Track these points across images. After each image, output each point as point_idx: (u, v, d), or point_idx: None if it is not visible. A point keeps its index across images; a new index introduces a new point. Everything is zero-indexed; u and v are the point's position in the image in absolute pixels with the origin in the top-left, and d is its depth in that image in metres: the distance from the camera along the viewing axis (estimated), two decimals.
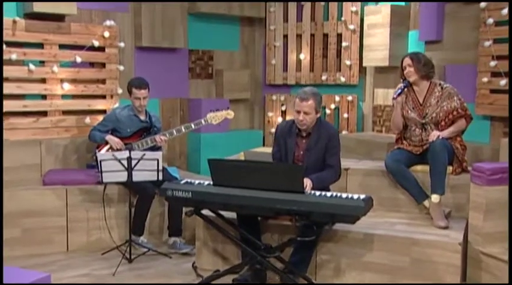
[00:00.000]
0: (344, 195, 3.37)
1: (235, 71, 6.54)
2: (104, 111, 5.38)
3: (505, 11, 4.87)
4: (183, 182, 3.64)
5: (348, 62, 6.35)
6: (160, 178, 4.11)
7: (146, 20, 5.72)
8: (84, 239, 4.52)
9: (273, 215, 3.65)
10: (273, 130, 6.65)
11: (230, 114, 4.75)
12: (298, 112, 3.71)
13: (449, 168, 4.03)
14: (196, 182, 3.62)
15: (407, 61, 4.16)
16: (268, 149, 4.53)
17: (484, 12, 5.05)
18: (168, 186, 3.52)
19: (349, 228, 3.65)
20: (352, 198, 3.31)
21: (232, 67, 6.60)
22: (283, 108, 6.72)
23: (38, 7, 4.82)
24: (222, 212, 3.73)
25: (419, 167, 4.16)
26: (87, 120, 5.25)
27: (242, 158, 4.89)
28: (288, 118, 6.69)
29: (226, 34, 6.54)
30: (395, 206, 4.21)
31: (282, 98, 6.70)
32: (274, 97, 6.73)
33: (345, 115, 6.44)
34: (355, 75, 6.37)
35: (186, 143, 6.25)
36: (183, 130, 4.64)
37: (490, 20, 5.00)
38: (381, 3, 6.13)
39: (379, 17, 5.96)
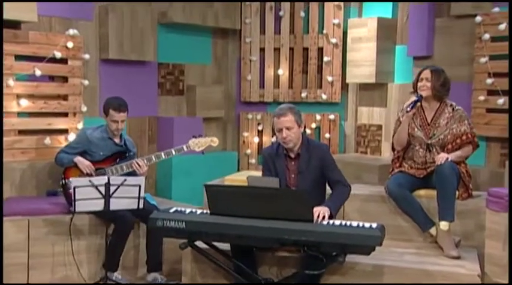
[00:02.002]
0: (355, 223, 3.32)
1: (208, 87, 6.43)
2: (65, 131, 5.16)
3: (502, 26, 5.00)
4: (172, 211, 3.50)
5: (329, 78, 6.36)
6: (141, 206, 3.93)
7: (113, 30, 5.54)
8: (48, 276, 4.26)
9: (276, 247, 3.54)
10: (249, 151, 6.62)
11: (214, 141, 4.70)
12: (280, 130, 3.73)
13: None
14: (188, 210, 3.50)
15: (426, 74, 4.13)
16: None
17: (480, 27, 5.17)
18: (158, 216, 3.37)
19: (355, 259, 3.58)
20: (364, 227, 3.26)
21: (204, 82, 6.49)
22: (260, 128, 6.64)
23: None
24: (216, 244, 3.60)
25: (423, 192, 4.15)
26: (47, 140, 5.01)
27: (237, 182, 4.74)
28: (265, 138, 6.62)
29: (198, 46, 6.43)
30: (398, 234, 4.17)
31: (259, 117, 6.63)
32: (249, 116, 6.65)
33: (327, 135, 6.42)
34: (338, 92, 6.39)
35: (154, 166, 6.05)
36: (163, 156, 4.52)
37: (486, 36, 5.12)
38: (365, 16, 6.19)
39: (364, 30, 6.01)
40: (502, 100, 5.05)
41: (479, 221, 4.00)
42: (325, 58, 6.36)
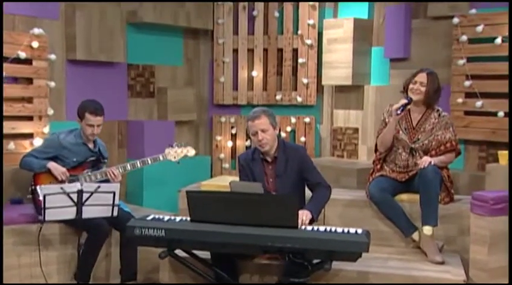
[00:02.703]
0: (340, 229, 3.32)
1: (179, 89, 6.37)
2: (30, 135, 5.03)
3: (480, 28, 5.09)
4: (149, 218, 3.44)
5: (304, 80, 6.37)
6: (115, 213, 3.85)
7: (80, 29, 5.43)
8: None
9: (260, 254, 3.51)
10: (222, 155, 6.58)
11: (190, 151, 4.70)
12: (255, 133, 3.75)
13: None
14: (166, 218, 3.44)
15: (423, 77, 4.08)
16: None
17: (457, 29, 5.26)
18: (136, 224, 3.30)
19: (339, 266, 3.56)
20: (350, 233, 3.26)
21: (175, 84, 6.42)
22: (233, 131, 6.60)
23: None
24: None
25: (404, 196, 4.18)
26: (11, 145, 4.87)
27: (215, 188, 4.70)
28: (238, 142, 6.59)
29: (169, 47, 6.36)
30: (380, 240, 4.18)
31: (232, 120, 6.59)
32: (223, 119, 6.61)
33: (302, 139, 6.43)
34: (313, 95, 6.40)
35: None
36: (139, 165, 4.49)
37: (464, 37, 5.21)
38: (341, 17, 6.22)
39: (340, 31, 6.05)
40: (480, 103, 5.14)
41: (462, 226, 4.06)
42: (300, 60, 6.38)
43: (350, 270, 3.61)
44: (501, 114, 5.02)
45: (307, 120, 6.41)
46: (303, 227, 3.34)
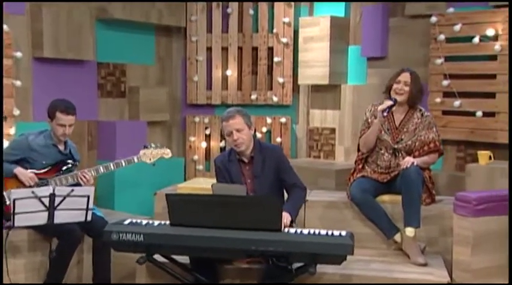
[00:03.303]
0: (323, 232, 3.32)
1: (151, 89, 6.30)
2: None
3: (458, 27, 5.16)
4: (126, 222, 3.38)
5: (280, 80, 6.36)
6: (89, 218, 3.78)
7: (48, 26, 5.32)
8: None
9: (242, 258, 3.49)
10: (196, 157, 6.53)
11: (167, 153, 4.64)
12: (230, 133, 3.77)
13: None
14: (144, 222, 3.40)
15: (406, 77, 4.13)
16: None
17: (435, 28, 5.32)
18: (113, 228, 3.24)
19: (322, 269, 3.55)
20: (334, 235, 3.26)
21: (147, 84, 6.35)
22: (208, 132, 6.55)
23: None
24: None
25: (386, 197, 4.20)
26: None
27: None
28: (212, 143, 6.54)
29: (140, 45, 6.28)
30: (361, 242, 4.14)
31: (206, 120, 6.54)
32: (196, 119, 6.56)
33: (278, 139, 6.42)
34: (289, 94, 6.40)
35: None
36: (112, 167, 4.40)
37: (442, 36, 5.27)
38: (317, 15, 6.24)
39: (316, 29, 6.06)
40: (458, 102, 5.21)
41: (443, 227, 4.11)
42: (276, 59, 6.36)
43: (333, 273, 3.61)
44: (479, 113, 5.09)
45: (283, 120, 6.41)
46: (286, 229, 3.34)
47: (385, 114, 4.04)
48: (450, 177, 5.25)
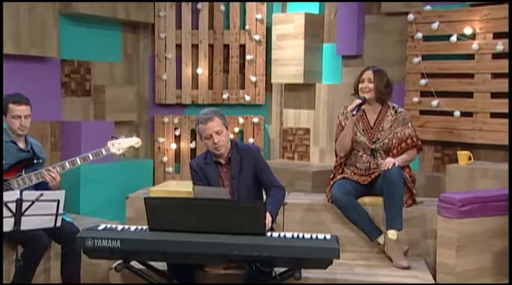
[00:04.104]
0: (307, 235, 3.29)
1: (118, 87, 6.19)
2: None
3: (435, 25, 5.21)
4: (100, 228, 3.30)
5: (253, 78, 6.33)
6: (59, 224, 3.67)
7: (9, 21, 5.17)
8: None
9: (224, 264, 3.45)
10: (165, 159, 6.45)
11: (137, 142, 4.44)
12: (210, 136, 3.74)
13: None
14: (119, 227, 3.32)
15: (368, 74, 4.19)
16: None
17: (412, 26, 5.36)
18: (87, 235, 3.14)
19: (305, 273, 3.52)
20: (318, 238, 3.24)
21: (113, 82, 6.24)
22: (177, 133, 6.46)
23: None
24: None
25: (367, 199, 4.20)
26: None
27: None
28: (182, 144, 6.46)
29: (106, 41, 6.16)
30: (342, 245, 4.15)
31: (176, 120, 6.45)
32: (165, 120, 6.46)
33: (251, 140, 6.38)
34: (261, 94, 6.37)
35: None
36: (79, 162, 4.23)
37: (419, 35, 5.32)
38: (290, 11, 6.23)
39: (290, 26, 6.05)
40: (436, 102, 5.26)
41: (425, 229, 4.13)
42: (248, 57, 6.33)
43: (316, 278, 3.61)
44: (457, 113, 5.15)
45: (255, 120, 6.37)
46: (269, 233, 3.30)
47: (354, 112, 4.08)
48: (428, 178, 5.30)
